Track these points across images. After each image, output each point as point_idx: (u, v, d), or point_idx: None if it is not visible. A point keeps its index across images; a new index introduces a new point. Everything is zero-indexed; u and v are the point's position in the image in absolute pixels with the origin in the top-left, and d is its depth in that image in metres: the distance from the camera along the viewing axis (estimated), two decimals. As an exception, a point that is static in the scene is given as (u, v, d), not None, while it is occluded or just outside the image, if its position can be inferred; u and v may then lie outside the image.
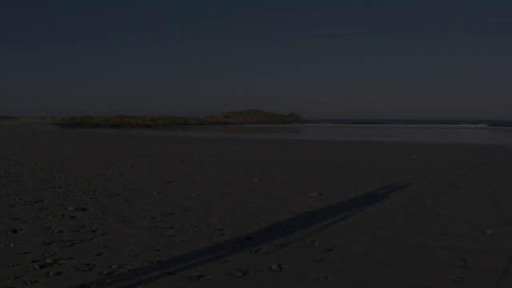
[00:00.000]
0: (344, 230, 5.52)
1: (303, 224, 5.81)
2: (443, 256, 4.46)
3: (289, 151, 19.61)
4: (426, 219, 6.15)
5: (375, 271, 4.05)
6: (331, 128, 73.37)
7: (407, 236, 5.22)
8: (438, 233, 5.38)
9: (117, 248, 4.68)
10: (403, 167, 12.78)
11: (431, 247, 4.78)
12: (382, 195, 8.09)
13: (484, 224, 5.84)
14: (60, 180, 9.50)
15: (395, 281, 3.79)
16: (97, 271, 3.97)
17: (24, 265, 4.10)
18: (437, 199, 7.67)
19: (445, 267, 4.14)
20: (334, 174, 11.25)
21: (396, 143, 27.53)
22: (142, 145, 22.94)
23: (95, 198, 7.54)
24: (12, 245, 4.71)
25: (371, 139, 33.12)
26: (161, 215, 6.29)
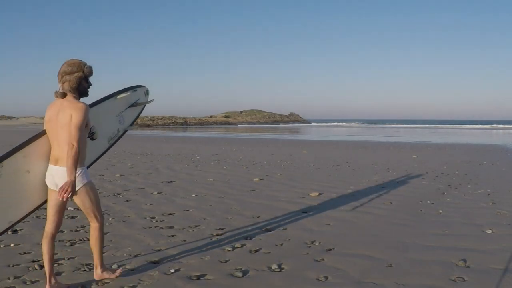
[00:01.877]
0: (344, 230, 5.52)
1: (303, 224, 5.81)
2: (443, 256, 4.46)
3: (289, 151, 19.60)
4: (426, 219, 6.15)
5: (375, 271, 4.05)
6: (331, 128, 73.34)
7: (407, 236, 5.22)
8: (438, 233, 5.38)
9: (117, 248, 4.68)
10: (404, 167, 12.78)
11: (431, 247, 4.78)
12: (382, 195, 8.09)
13: (484, 224, 5.84)
14: (60, 180, 9.49)
15: (395, 281, 3.79)
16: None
17: (24, 265, 4.10)
18: (437, 199, 7.67)
19: (445, 267, 4.14)
20: (334, 174, 11.25)
21: (397, 143, 27.53)
22: (142, 145, 22.95)
23: (95, 198, 7.53)
24: (12, 245, 4.72)
25: (372, 139, 33.11)
26: (161, 215, 6.29)
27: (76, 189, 3.42)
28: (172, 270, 4.00)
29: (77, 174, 3.41)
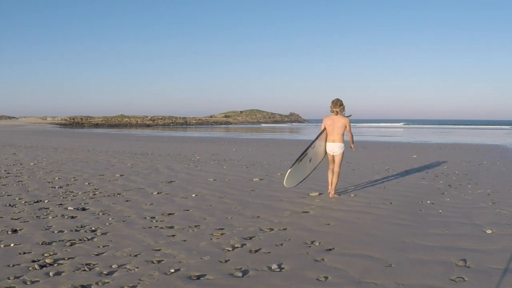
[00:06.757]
0: (344, 230, 5.52)
1: (303, 224, 5.81)
2: (443, 256, 4.46)
3: (289, 150, 19.60)
4: (426, 219, 6.15)
5: (375, 271, 4.05)
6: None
7: (407, 236, 5.22)
8: (438, 233, 5.38)
9: (117, 248, 4.68)
10: (404, 167, 12.78)
11: (431, 247, 4.78)
12: (382, 194, 8.09)
13: (484, 224, 5.84)
14: (60, 180, 9.50)
15: (395, 281, 3.79)
16: (97, 271, 3.97)
17: (24, 265, 4.10)
18: (437, 199, 7.67)
19: (445, 267, 4.14)
20: (334, 174, 11.23)
21: (397, 143, 27.53)
22: (142, 145, 22.95)
23: (95, 198, 7.54)
24: (12, 245, 4.72)
25: (372, 139, 33.12)
26: (161, 215, 6.29)
27: (341, 151, 7.67)
28: (172, 270, 4.00)
29: (343, 145, 7.67)
